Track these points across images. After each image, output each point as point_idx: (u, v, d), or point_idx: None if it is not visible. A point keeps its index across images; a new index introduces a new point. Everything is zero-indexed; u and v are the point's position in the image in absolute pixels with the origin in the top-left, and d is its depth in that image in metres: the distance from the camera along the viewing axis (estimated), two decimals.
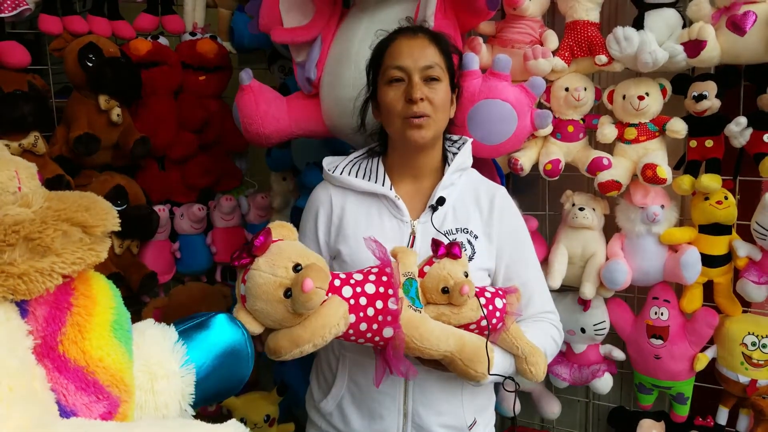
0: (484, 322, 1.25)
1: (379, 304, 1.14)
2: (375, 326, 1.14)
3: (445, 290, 1.20)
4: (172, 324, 0.99)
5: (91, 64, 1.99)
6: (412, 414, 1.40)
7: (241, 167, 2.61)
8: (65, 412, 0.77)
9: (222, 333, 1.01)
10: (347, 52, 1.73)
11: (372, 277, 1.17)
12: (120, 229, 0.86)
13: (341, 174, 1.47)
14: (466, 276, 1.22)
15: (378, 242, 1.18)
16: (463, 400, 1.43)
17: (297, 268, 1.06)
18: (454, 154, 1.48)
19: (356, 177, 1.46)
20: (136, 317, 0.93)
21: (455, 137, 1.54)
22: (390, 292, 1.15)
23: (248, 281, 1.06)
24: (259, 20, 1.87)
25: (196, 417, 0.93)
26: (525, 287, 1.43)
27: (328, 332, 1.07)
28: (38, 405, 0.73)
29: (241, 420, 2.05)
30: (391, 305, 1.14)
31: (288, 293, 1.04)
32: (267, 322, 1.07)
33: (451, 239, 1.37)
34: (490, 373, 1.24)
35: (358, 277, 1.17)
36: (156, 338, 0.94)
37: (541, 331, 1.42)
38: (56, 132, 2.08)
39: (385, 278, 1.16)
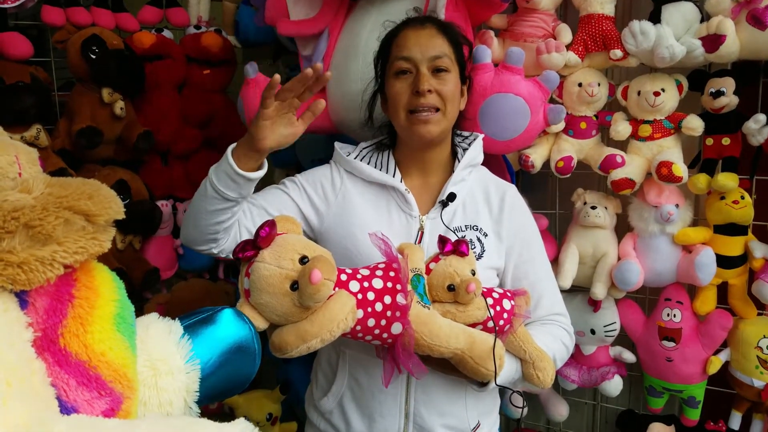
0: (491, 323, 1.21)
1: (388, 299, 1.10)
2: (383, 322, 1.10)
3: (451, 288, 1.16)
4: (177, 318, 0.95)
5: (94, 57, 1.98)
6: (414, 414, 1.36)
7: None
8: (66, 409, 0.73)
9: (229, 328, 0.97)
10: (355, 46, 1.70)
11: (379, 273, 1.13)
12: (124, 217, 0.82)
13: (354, 159, 1.43)
14: (473, 274, 1.18)
15: (384, 238, 1.14)
16: (467, 402, 1.39)
17: (303, 260, 1.02)
18: (464, 149, 1.44)
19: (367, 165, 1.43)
20: (138, 313, 0.89)
21: (466, 133, 1.50)
22: (398, 287, 1.11)
23: (253, 274, 1.02)
24: (264, 12, 1.84)
25: (201, 415, 0.90)
26: (534, 288, 1.39)
27: (336, 326, 1.03)
28: (38, 401, 0.69)
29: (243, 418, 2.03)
30: (400, 300, 1.10)
31: (294, 286, 1.00)
32: (272, 316, 1.03)
33: (460, 236, 1.33)
34: (497, 378, 1.20)
35: (365, 272, 1.13)
36: (160, 333, 0.90)
37: (551, 335, 1.37)
38: (59, 125, 2.06)
39: (392, 273, 1.12)
